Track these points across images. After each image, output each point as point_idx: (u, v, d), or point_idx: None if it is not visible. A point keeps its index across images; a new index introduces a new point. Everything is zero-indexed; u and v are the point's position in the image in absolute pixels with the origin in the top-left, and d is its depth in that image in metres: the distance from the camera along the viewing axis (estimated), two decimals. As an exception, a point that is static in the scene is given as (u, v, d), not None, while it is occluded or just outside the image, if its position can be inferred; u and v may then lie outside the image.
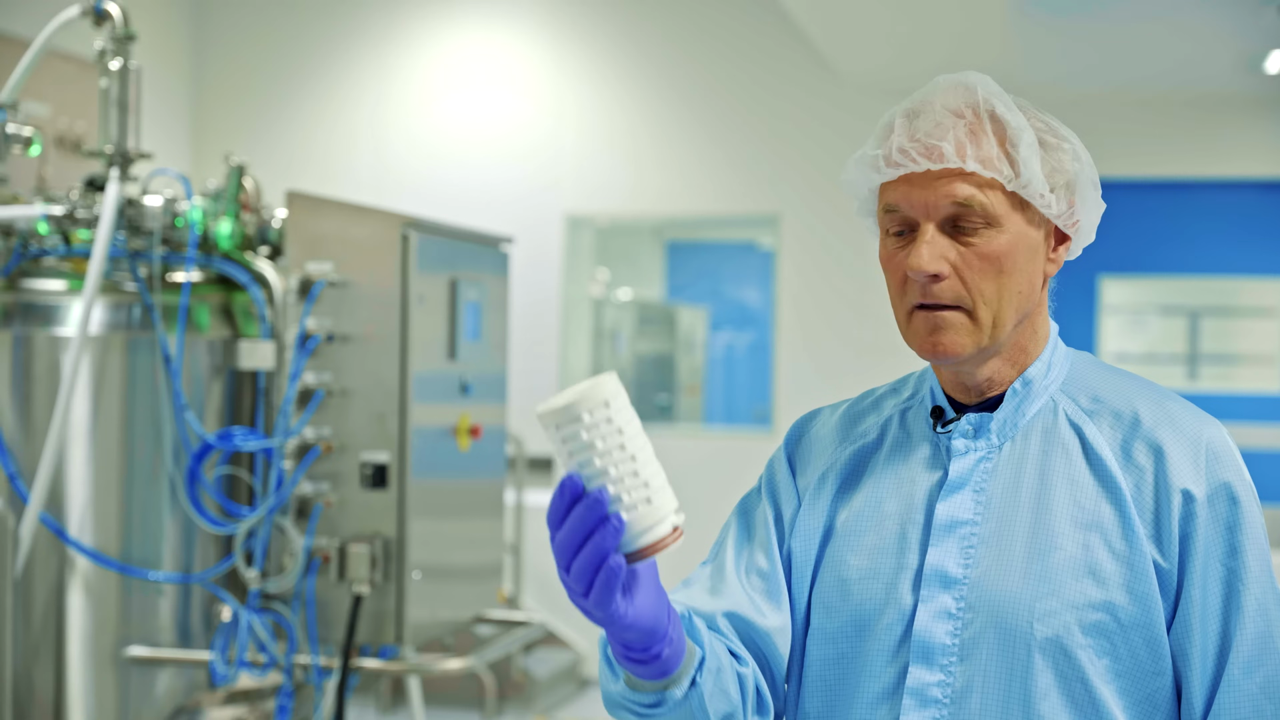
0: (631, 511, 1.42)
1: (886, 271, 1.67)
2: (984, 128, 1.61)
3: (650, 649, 1.52)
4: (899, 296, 1.65)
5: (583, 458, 1.41)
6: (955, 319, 1.61)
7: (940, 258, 1.59)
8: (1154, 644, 1.58)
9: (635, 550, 1.43)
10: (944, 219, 1.61)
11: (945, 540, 1.65)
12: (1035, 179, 1.61)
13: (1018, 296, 1.63)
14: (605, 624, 1.47)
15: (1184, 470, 1.60)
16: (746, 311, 10.59)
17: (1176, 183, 8.30)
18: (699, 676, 1.58)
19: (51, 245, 3.69)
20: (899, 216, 1.63)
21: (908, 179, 1.62)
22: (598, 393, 1.40)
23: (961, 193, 1.59)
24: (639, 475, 1.42)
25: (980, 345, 1.62)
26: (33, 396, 3.62)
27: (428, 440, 3.82)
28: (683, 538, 1.45)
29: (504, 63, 8.58)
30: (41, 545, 3.59)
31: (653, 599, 1.49)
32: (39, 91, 6.17)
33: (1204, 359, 8.74)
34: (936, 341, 1.62)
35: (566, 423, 1.40)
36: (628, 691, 1.58)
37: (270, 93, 8.81)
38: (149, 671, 3.66)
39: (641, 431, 1.44)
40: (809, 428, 1.84)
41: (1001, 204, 1.61)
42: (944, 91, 1.64)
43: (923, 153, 1.60)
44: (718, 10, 8.29)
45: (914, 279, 1.61)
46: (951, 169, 1.59)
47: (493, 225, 7.45)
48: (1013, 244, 1.62)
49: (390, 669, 3.78)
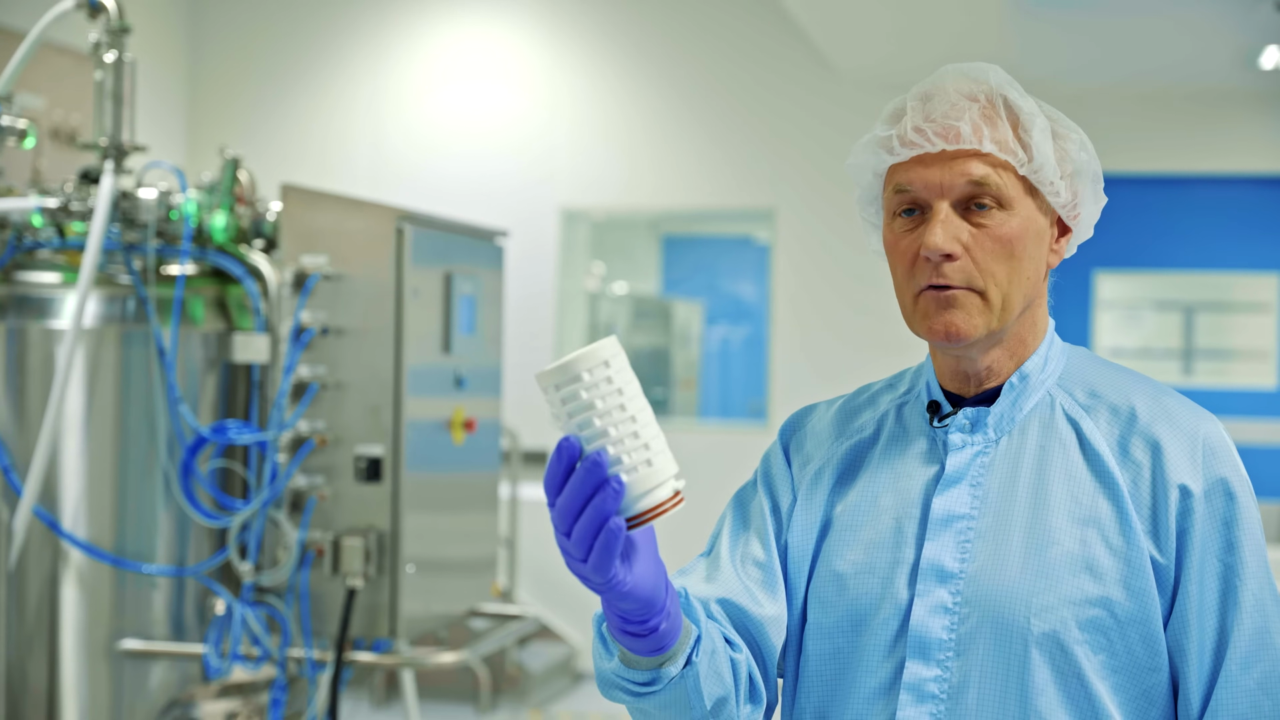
0: (632, 474, 1.38)
1: (893, 255, 1.66)
2: (998, 112, 1.62)
3: (647, 620, 1.49)
4: (907, 279, 1.64)
5: (582, 418, 1.37)
6: (967, 298, 1.60)
7: (954, 238, 1.59)
8: (1151, 640, 1.58)
9: (635, 514, 1.39)
10: (957, 199, 1.61)
11: (942, 535, 1.64)
12: (1048, 164, 1.62)
13: (1025, 282, 1.63)
14: (603, 591, 1.44)
15: (1181, 466, 1.60)
16: (742, 305, 10.59)
17: (1172, 178, 8.31)
18: (695, 655, 1.56)
19: (46, 238, 3.69)
20: (909, 197, 1.63)
21: (921, 159, 1.61)
22: (598, 353, 1.37)
23: (977, 171, 1.59)
24: (639, 437, 1.38)
25: (990, 327, 1.62)
26: (27, 389, 3.62)
27: (422, 434, 3.81)
28: (683, 504, 1.41)
29: (500, 56, 8.58)
30: (35, 538, 3.59)
31: (651, 568, 1.46)
32: (34, 84, 6.16)
33: (1199, 354, 8.74)
34: (949, 321, 1.60)
35: (566, 382, 1.37)
36: (622, 669, 1.56)
37: (266, 85, 8.80)
38: (142, 664, 3.66)
39: (641, 394, 1.40)
40: (805, 421, 1.83)
41: (1014, 186, 1.61)
42: (955, 78, 1.65)
43: (939, 133, 1.60)
44: (714, 4, 8.29)
45: (928, 258, 1.60)
46: (966, 149, 1.60)
47: (488, 218, 7.45)
48: (1023, 228, 1.62)
49: (384, 662, 3.78)
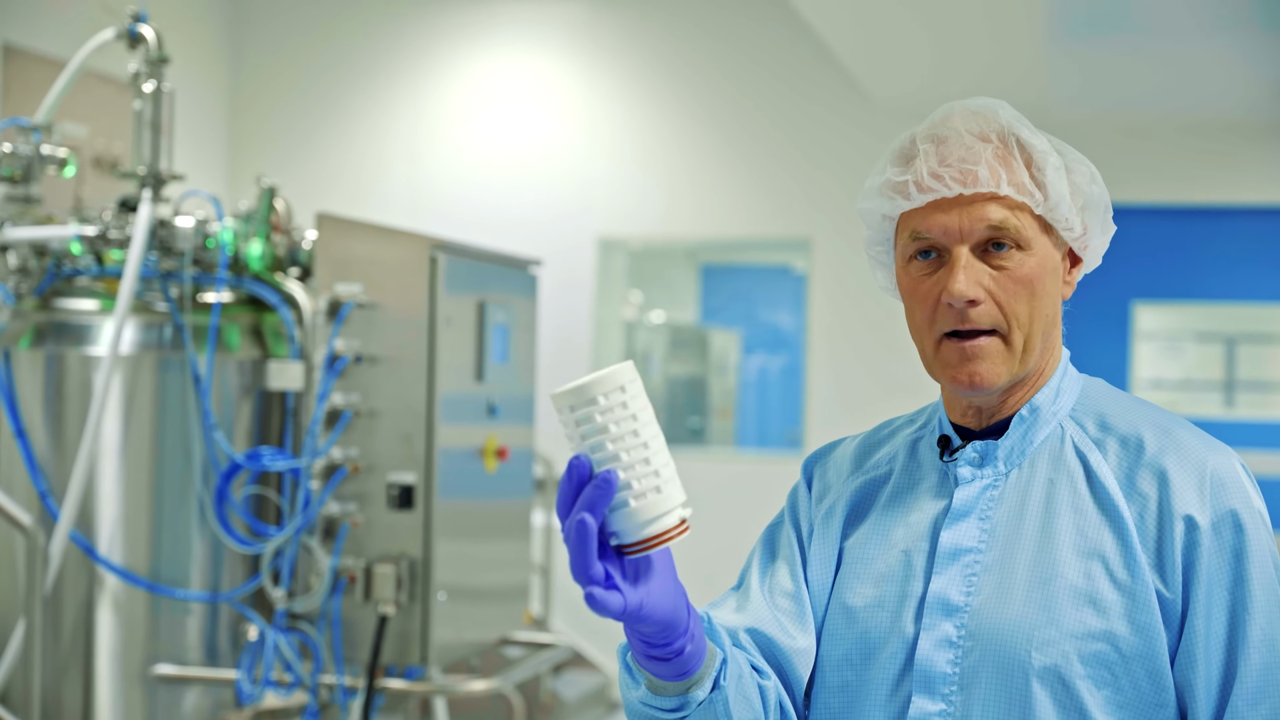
0: (640, 499, 1.39)
1: (911, 300, 1.64)
2: (1011, 152, 1.61)
3: (670, 643, 1.48)
4: (928, 325, 1.63)
5: (595, 441, 1.38)
6: (991, 347, 1.60)
7: (976, 283, 1.59)
8: (1156, 675, 1.56)
9: (641, 539, 1.40)
10: (976, 243, 1.60)
11: (949, 568, 1.63)
12: (1063, 202, 1.61)
13: (1044, 319, 1.63)
14: (621, 617, 1.43)
15: (1188, 497, 1.57)
16: (780, 335, 10.58)
17: (1213, 209, 8.26)
18: (722, 679, 1.55)
19: (84, 265, 3.73)
20: (926, 243, 1.62)
21: (937, 204, 1.60)
22: (615, 377, 1.38)
23: (996, 215, 1.59)
24: (650, 464, 1.39)
25: (1013, 374, 1.61)
26: (64, 415, 3.65)
27: (454, 461, 3.83)
28: (689, 532, 1.42)
29: (539, 86, 8.62)
30: (71, 563, 3.62)
31: (669, 590, 1.46)
32: (77, 113, 6.23)
33: (1240, 386, 8.67)
34: (973, 372, 1.60)
35: (581, 404, 1.38)
36: (649, 696, 1.55)
37: (307, 114, 8.87)
38: (176, 689, 3.68)
39: (654, 422, 1.41)
40: (827, 455, 1.83)
41: (1031, 226, 1.61)
42: (965, 117, 1.63)
43: (956, 178, 1.59)
44: (751, 34, 8.31)
45: (951, 305, 1.59)
46: (982, 193, 1.59)
47: (525, 247, 7.47)
48: (1041, 266, 1.61)
49: (415, 689, 3.79)
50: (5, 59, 6.41)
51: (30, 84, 6.27)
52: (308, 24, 8.92)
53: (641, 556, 1.44)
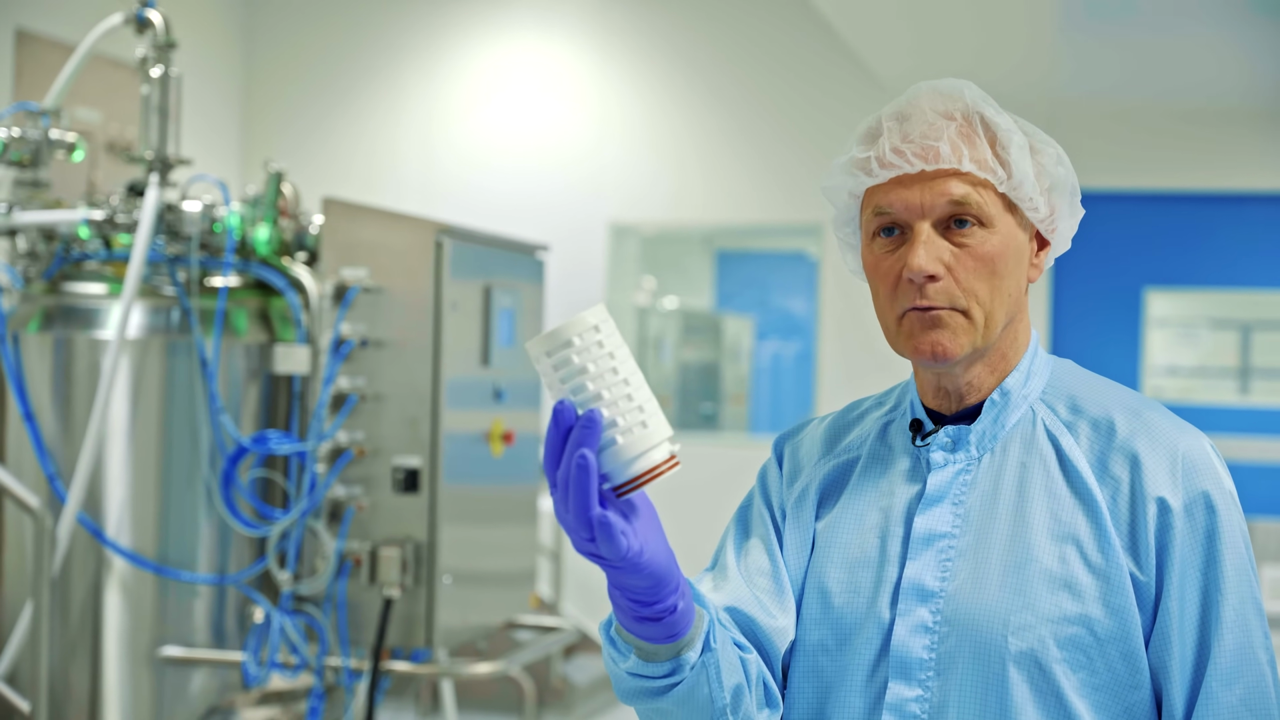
0: (627, 435, 1.37)
1: (874, 276, 1.65)
2: (975, 130, 1.62)
3: (663, 599, 1.47)
4: (890, 300, 1.63)
5: (575, 383, 1.37)
6: (951, 317, 1.60)
7: (936, 259, 1.59)
8: (1131, 657, 1.56)
9: (633, 475, 1.38)
10: (938, 219, 1.60)
11: (923, 553, 1.63)
12: (1027, 180, 1.61)
13: (1007, 299, 1.62)
14: (614, 566, 1.42)
15: (1160, 479, 1.58)
16: (793, 321, 10.57)
17: (1227, 195, 8.23)
18: (712, 640, 1.54)
19: (93, 249, 3.75)
20: (889, 218, 1.62)
21: (900, 180, 1.61)
22: (587, 319, 1.38)
23: (958, 191, 1.59)
24: (633, 399, 1.38)
25: (975, 345, 1.61)
26: (72, 398, 3.68)
27: (460, 445, 3.84)
28: (679, 467, 1.40)
29: (550, 72, 8.63)
30: (79, 545, 3.64)
31: (662, 543, 1.45)
32: (91, 98, 6.25)
33: (1256, 373, 8.64)
34: (935, 341, 1.60)
35: (557, 348, 1.38)
36: (639, 665, 1.53)
37: (320, 100, 8.89)
38: (183, 671, 3.71)
39: (632, 359, 1.40)
40: (797, 435, 1.83)
41: (994, 204, 1.61)
42: (930, 96, 1.64)
43: (918, 153, 1.59)
44: (761, 20, 8.30)
45: (911, 280, 1.59)
46: (945, 169, 1.59)
47: (537, 233, 7.48)
48: (1004, 245, 1.61)
49: (421, 672, 3.81)
50: (18, 44, 6.44)
51: (43, 69, 6.30)
52: (321, 10, 8.93)
53: (633, 507, 1.42)
